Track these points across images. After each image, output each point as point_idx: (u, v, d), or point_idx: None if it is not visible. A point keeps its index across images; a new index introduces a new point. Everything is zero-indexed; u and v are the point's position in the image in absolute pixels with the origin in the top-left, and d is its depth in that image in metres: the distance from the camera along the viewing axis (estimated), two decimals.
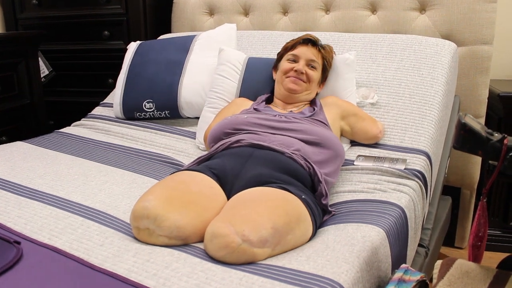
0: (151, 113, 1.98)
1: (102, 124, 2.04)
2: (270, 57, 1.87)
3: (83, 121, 2.11)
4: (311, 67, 1.63)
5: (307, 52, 1.64)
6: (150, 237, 1.06)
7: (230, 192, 1.21)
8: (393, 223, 1.20)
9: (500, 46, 2.31)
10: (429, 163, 1.55)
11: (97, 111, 2.17)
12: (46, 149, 1.75)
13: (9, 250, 0.99)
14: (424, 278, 1.05)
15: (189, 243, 1.08)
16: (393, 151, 1.59)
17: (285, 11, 2.30)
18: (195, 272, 0.94)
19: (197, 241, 1.09)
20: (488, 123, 2.15)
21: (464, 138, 0.93)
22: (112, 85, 2.48)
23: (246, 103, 1.71)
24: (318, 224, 1.20)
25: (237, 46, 2.09)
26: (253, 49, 2.10)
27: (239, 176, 1.23)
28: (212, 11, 2.46)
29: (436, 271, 1.00)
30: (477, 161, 2.09)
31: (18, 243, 1.03)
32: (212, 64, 1.97)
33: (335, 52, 1.76)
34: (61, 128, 2.05)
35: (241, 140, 1.36)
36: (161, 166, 1.66)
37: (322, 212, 1.25)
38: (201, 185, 1.18)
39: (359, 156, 1.58)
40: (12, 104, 2.32)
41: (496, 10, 1.93)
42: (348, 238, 1.09)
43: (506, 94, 2.02)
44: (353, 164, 1.55)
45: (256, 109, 1.59)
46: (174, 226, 1.04)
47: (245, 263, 0.98)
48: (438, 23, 2.00)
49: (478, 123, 0.95)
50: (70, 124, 2.13)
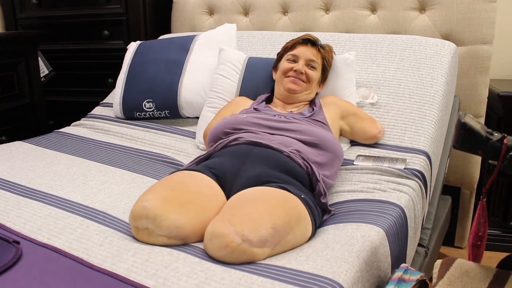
0: (151, 113, 1.98)
1: (101, 124, 2.04)
2: (270, 57, 1.87)
3: (83, 121, 2.11)
4: (311, 67, 1.63)
5: (307, 52, 1.63)
6: (150, 237, 1.06)
7: (230, 192, 1.21)
8: (392, 223, 1.20)
9: (500, 45, 2.31)
10: (428, 162, 1.55)
11: (97, 111, 2.17)
12: (46, 149, 1.75)
13: (9, 250, 0.99)
14: (424, 278, 1.05)
15: (188, 242, 1.08)
16: (393, 150, 1.59)
17: (285, 11, 2.30)
18: (195, 271, 0.94)
19: (197, 240, 1.09)
20: (487, 123, 2.15)
21: (464, 138, 0.93)
22: (112, 85, 2.48)
23: (246, 102, 1.71)
24: (317, 224, 1.20)
25: (237, 46, 2.09)
26: (253, 49, 2.10)
27: (238, 176, 1.23)
28: (212, 11, 2.46)
29: (436, 271, 1.00)
30: (477, 160, 2.09)
31: (18, 242, 1.03)
32: (212, 64, 1.97)
33: (335, 52, 1.76)
34: (61, 128, 2.05)
35: (239, 138, 1.36)
36: (161, 166, 1.65)
37: (321, 212, 1.25)
38: (200, 185, 1.18)
39: (358, 155, 1.58)
40: (12, 104, 2.32)
41: (496, 10, 1.93)
42: (348, 237, 1.09)
43: (506, 94, 2.02)
44: (352, 164, 1.55)
45: (256, 109, 1.58)
46: (173, 226, 1.04)
47: (245, 263, 0.98)
48: (438, 22, 2.00)
49: (478, 122, 0.95)
50: (69, 124, 2.13)
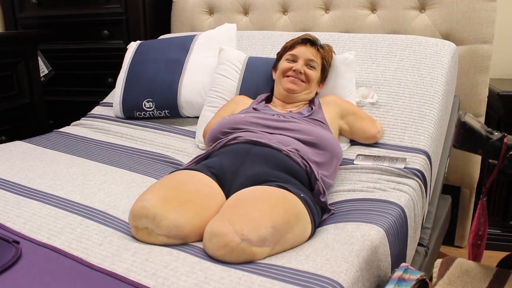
0: (151, 113, 1.97)
1: (101, 123, 2.04)
2: (270, 57, 1.87)
3: (83, 121, 2.11)
4: (310, 66, 1.63)
5: (306, 51, 1.63)
6: (149, 237, 1.06)
7: (229, 191, 1.21)
8: (392, 222, 1.20)
9: (500, 45, 2.30)
10: (428, 162, 1.55)
11: (97, 110, 2.17)
12: (46, 149, 1.75)
13: (8, 250, 0.99)
14: (424, 277, 1.05)
15: (188, 242, 1.08)
16: (393, 150, 1.58)
17: (284, 10, 2.30)
18: (194, 271, 0.93)
19: (196, 240, 1.09)
20: (487, 122, 2.15)
21: (464, 137, 0.93)
22: (111, 85, 2.47)
23: (246, 100, 1.71)
24: (317, 223, 1.20)
25: (237, 46, 2.09)
26: (253, 49, 2.10)
27: (238, 175, 1.23)
28: (211, 10, 2.45)
29: (436, 270, 1.00)
30: (477, 160, 2.09)
31: (17, 242, 1.03)
32: (212, 64, 1.97)
33: (334, 52, 1.76)
34: (61, 128, 2.04)
35: (238, 137, 1.36)
36: (161, 165, 1.65)
37: (321, 211, 1.25)
38: (200, 184, 1.18)
39: (358, 155, 1.58)
40: (12, 103, 2.32)
41: (496, 9, 1.93)
42: (348, 237, 1.09)
43: (506, 93, 2.01)
44: (352, 163, 1.55)
45: (255, 109, 1.58)
46: (172, 225, 1.04)
47: (244, 262, 0.98)
48: (438, 22, 2.00)
49: (478, 122, 0.95)
50: (69, 124, 2.13)
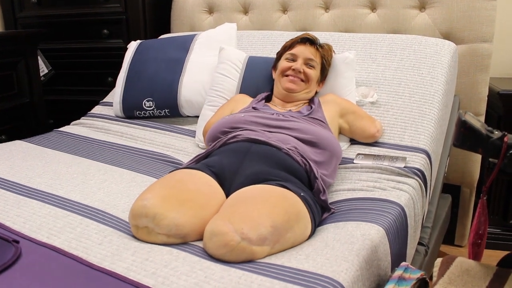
0: (151, 112, 1.97)
1: (101, 123, 2.04)
2: (270, 57, 1.87)
3: (83, 120, 2.11)
4: (309, 66, 1.63)
5: (305, 51, 1.63)
6: (149, 236, 1.06)
7: (229, 190, 1.21)
8: (392, 221, 1.20)
9: (500, 44, 2.30)
10: (428, 161, 1.55)
11: (97, 110, 2.17)
12: (45, 148, 1.75)
13: (8, 249, 0.99)
14: (424, 276, 1.05)
15: (188, 241, 1.08)
16: (393, 149, 1.58)
17: (284, 9, 2.30)
18: (194, 270, 0.93)
19: (196, 239, 1.09)
20: (488, 121, 2.14)
21: (464, 136, 0.93)
22: (111, 84, 2.47)
23: (246, 99, 1.71)
24: (317, 222, 1.20)
25: (237, 46, 2.09)
26: (253, 49, 2.10)
27: (238, 173, 1.23)
28: (211, 9, 2.45)
29: (436, 269, 1.00)
30: (477, 159, 2.09)
31: (17, 242, 1.03)
32: (212, 63, 1.97)
33: (334, 51, 1.76)
34: (61, 127, 2.04)
35: (237, 135, 1.36)
36: (161, 164, 1.65)
37: (321, 210, 1.25)
38: (199, 183, 1.18)
39: (358, 154, 1.57)
40: (12, 103, 2.32)
41: (496, 8, 1.93)
42: (348, 236, 1.08)
43: (506, 92, 2.01)
44: (352, 162, 1.55)
45: (255, 108, 1.58)
46: (172, 224, 1.04)
47: (245, 261, 0.98)
48: (438, 21, 2.00)
49: (478, 120, 0.95)
50: (69, 123, 2.13)
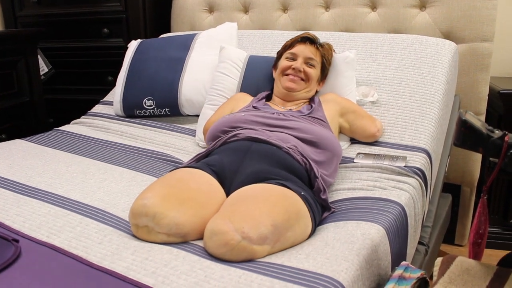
0: (151, 111, 1.97)
1: (101, 122, 2.04)
2: (270, 56, 1.87)
3: (83, 119, 2.10)
4: (310, 65, 1.63)
5: (305, 50, 1.63)
6: (149, 235, 1.06)
7: (229, 189, 1.21)
8: (393, 221, 1.20)
9: (500, 43, 2.30)
10: (429, 160, 1.55)
11: (97, 109, 2.17)
12: (45, 147, 1.75)
13: (8, 248, 0.99)
14: (424, 276, 1.04)
15: (188, 240, 1.07)
16: (393, 148, 1.58)
17: (285, 8, 2.30)
18: (194, 270, 0.93)
19: (196, 238, 1.09)
20: (488, 120, 2.14)
21: (464, 135, 0.93)
22: (111, 83, 2.47)
23: (246, 98, 1.71)
24: (317, 221, 1.20)
25: (237, 45, 2.09)
26: (254, 48, 2.09)
27: (238, 172, 1.23)
28: (211, 8, 2.45)
29: (436, 269, 1.00)
30: (477, 158, 2.08)
31: (17, 241, 1.03)
32: (213, 62, 1.97)
33: (334, 50, 1.76)
34: (61, 126, 2.04)
35: (238, 134, 1.36)
36: (161, 164, 1.65)
37: (321, 209, 1.25)
38: (200, 182, 1.18)
39: (359, 153, 1.57)
40: (12, 102, 2.32)
41: (497, 7, 1.92)
42: (348, 235, 1.08)
43: (507, 91, 2.01)
44: (353, 162, 1.54)
45: (255, 107, 1.58)
46: (173, 223, 1.04)
47: (245, 260, 0.98)
48: (438, 20, 2.00)
49: (478, 120, 0.94)
50: (69, 122, 2.12)
